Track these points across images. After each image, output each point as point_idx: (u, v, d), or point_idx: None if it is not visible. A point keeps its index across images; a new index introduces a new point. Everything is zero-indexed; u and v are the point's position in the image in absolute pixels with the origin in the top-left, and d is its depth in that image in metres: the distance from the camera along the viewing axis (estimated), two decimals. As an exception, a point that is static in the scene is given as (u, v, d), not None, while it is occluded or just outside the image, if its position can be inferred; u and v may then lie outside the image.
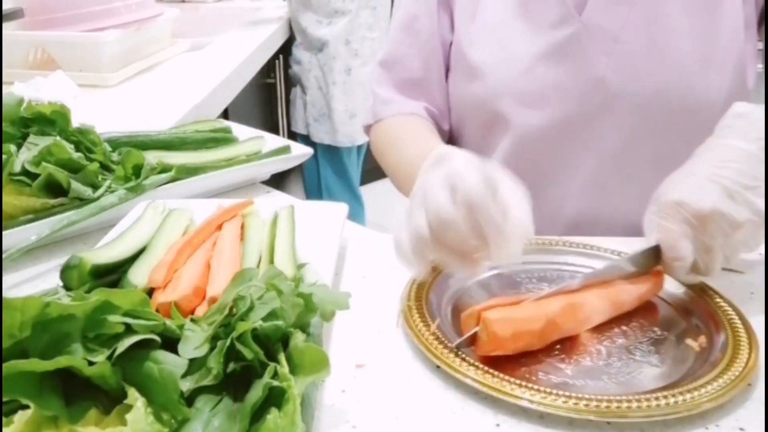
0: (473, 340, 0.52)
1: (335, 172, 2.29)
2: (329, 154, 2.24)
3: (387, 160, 0.91)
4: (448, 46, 0.90)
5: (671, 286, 0.62)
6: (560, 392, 0.47)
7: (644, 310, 0.60)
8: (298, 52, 2.15)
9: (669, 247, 0.58)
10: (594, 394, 0.47)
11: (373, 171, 2.62)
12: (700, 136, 0.77)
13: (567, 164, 0.83)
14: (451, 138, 0.95)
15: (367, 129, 0.98)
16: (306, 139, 2.20)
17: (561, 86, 0.80)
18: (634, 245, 0.68)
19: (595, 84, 0.79)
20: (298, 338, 0.45)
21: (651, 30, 0.78)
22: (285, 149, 0.90)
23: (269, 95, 2.19)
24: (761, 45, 0.84)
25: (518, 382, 0.48)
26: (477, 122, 0.86)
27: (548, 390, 0.47)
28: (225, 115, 1.41)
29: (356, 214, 2.38)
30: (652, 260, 0.60)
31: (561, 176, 0.83)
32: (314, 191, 2.33)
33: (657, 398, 0.46)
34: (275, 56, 2.06)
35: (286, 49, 2.17)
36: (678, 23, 0.78)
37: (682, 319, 0.59)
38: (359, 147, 2.32)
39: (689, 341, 0.55)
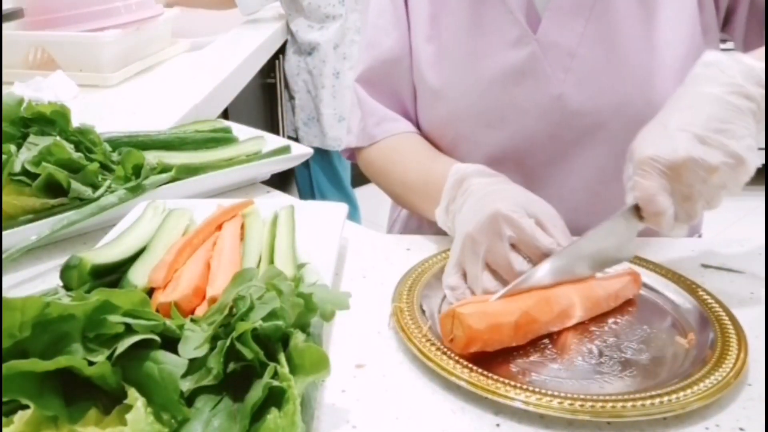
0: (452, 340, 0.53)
1: (327, 175, 2.30)
2: (320, 157, 2.25)
3: (390, 180, 0.86)
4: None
5: (659, 285, 0.63)
6: (555, 392, 0.47)
7: (633, 308, 0.60)
8: (288, 55, 2.15)
9: (647, 203, 0.58)
10: (589, 394, 0.47)
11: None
12: None
13: (535, 180, 0.81)
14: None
15: (353, 151, 0.93)
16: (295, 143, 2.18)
17: (520, 106, 0.79)
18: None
19: (554, 102, 0.78)
20: (298, 338, 0.45)
21: (606, 43, 0.77)
22: (285, 149, 0.90)
23: (269, 95, 2.19)
24: (727, 45, 0.82)
25: (512, 383, 0.48)
26: (445, 141, 0.85)
27: (543, 391, 0.47)
28: (225, 115, 1.41)
29: (350, 215, 2.38)
30: (634, 219, 0.60)
31: (531, 191, 0.82)
32: (307, 196, 2.33)
33: (652, 397, 0.47)
34: (275, 56, 2.06)
35: (285, 50, 2.17)
36: (633, 35, 0.76)
37: (670, 316, 0.59)
38: None
39: (678, 338, 0.56)
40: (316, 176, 2.30)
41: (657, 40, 0.77)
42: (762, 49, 0.66)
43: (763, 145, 0.61)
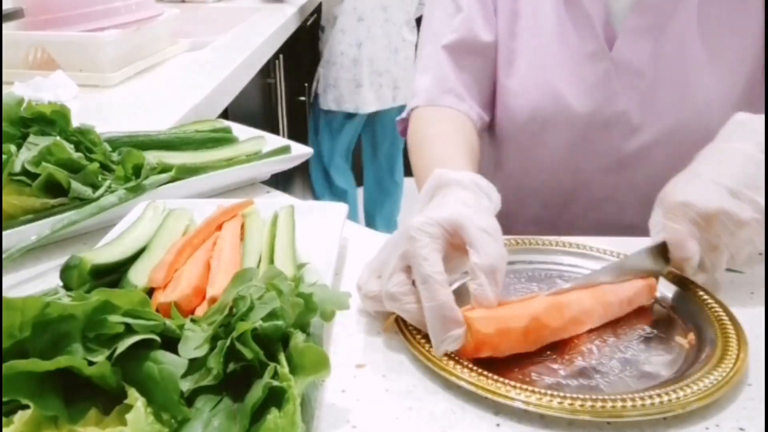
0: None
1: (333, 141, 2.61)
2: (329, 119, 2.55)
3: (413, 159, 0.89)
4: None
5: (659, 285, 0.62)
6: (555, 393, 0.47)
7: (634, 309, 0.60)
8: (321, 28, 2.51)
9: (677, 247, 0.59)
10: (588, 394, 0.47)
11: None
12: None
13: (589, 180, 0.88)
14: (497, 132, 0.96)
15: (407, 120, 0.94)
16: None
17: (588, 115, 0.84)
18: (624, 245, 0.68)
19: (619, 116, 0.83)
20: (298, 338, 0.45)
21: (673, 66, 0.81)
22: (285, 149, 0.90)
23: (269, 95, 2.19)
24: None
25: (512, 383, 0.48)
26: (507, 133, 0.90)
27: (543, 391, 0.47)
28: (225, 115, 1.41)
29: (348, 185, 2.67)
30: (660, 258, 0.61)
31: (584, 188, 0.90)
32: (315, 162, 2.62)
33: (651, 397, 0.47)
34: (275, 56, 2.07)
35: (286, 49, 2.18)
36: (701, 59, 0.80)
37: (670, 316, 0.59)
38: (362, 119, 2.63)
39: (678, 338, 0.56)
40: (323, 143, 2.59)
41: (720, 67, 0.81)
42: None
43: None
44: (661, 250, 0.61)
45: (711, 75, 0.81)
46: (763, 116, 0.65)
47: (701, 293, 0.60)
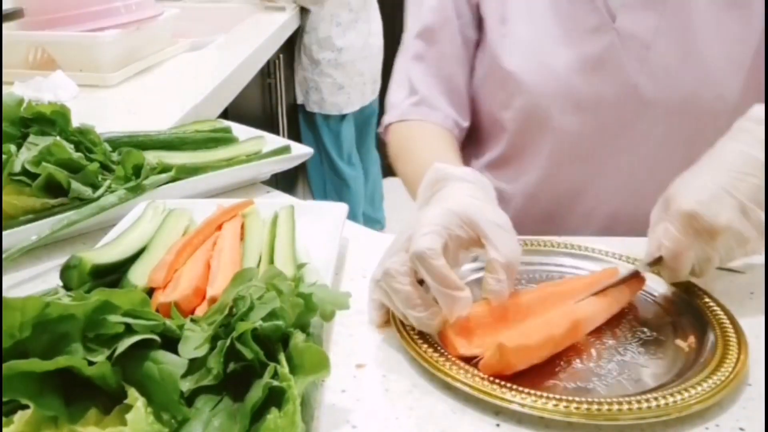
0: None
1: (330, 139, 2.62)
2: (327, 121, 2.58)
3: (399, 163, 0.90)
4: (473, 43, 0.91)
5: (660, 287, 0.62)
6: (550, 395, 0.47)
7: (633, 311, 0.60)
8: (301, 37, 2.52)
9: (674, 258, 0.58)
10: (585, 397, 0.47)
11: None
12: None
13: (603, 167, 0.84)
14: (479, 137, 0.95)
15: (386, 129, 0.95)
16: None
17: (596, 94, 0.81)
18: (621, 245, 0.68)
19: (629, 91, 0.81)
20: (298, 338, 0.45)
21: (681, 36, 0.79)
22: (285, 149, 0.90)
23: (269, 95, 2.19)
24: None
25: (509, 385, 0.48)
26: (514, 124, 0.86)
27: (539, 393, 0.47)
28: (225, 115, 1.41)
29: (350, 185, 2.69)
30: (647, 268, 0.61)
31: (597, 178, 0.85)
32: (315, 161, 2.64)
33: (648, 400, 0.46)
34: (275, 56, 2.07)
35: (286, 49, 2.18)
36: (707, 29, 0.79)
37: (670, 319, 0.59)
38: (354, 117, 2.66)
39: (678, 341, 0.55)
40: (322, 139, 2.61)
41: (729, 35, 0.79)
42: None
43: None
44: (658, 261, 0.60)
45: (719, 43, 0.79)
46: None
47: (702, 295, 0.60)
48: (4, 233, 0.68)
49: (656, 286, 0.63)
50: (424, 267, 0.52)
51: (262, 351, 0.44)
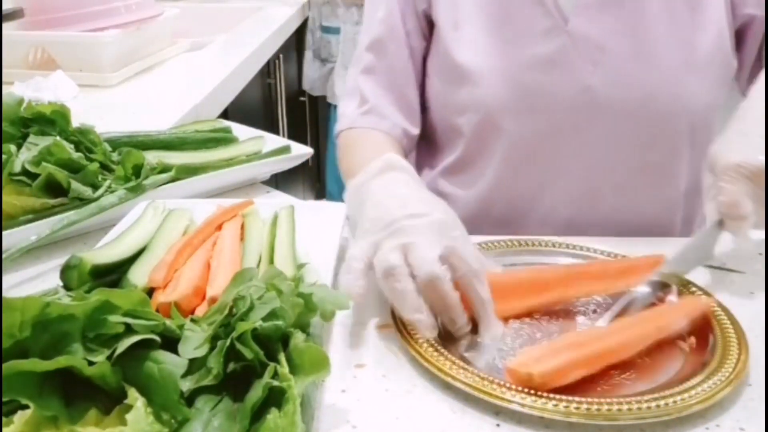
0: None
1: None
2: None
3: (342, 165, 0.89)
4: (420, 52, 0.90)
5: (660, 286, 0.62)
6: (551, 395, 0.47)
7: (632, 310, 0.59)
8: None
9: (733, 207, 0.60)
10: (585, 397, 0.47)
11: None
12: (685, 142, 0.78)
13: (558, 170, 0.83)
14: (435, 145, 0.94)
15: (337, 137, 0.95)
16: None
17: (549, 95, 0.80)
18: (623, 246, 0.68)
19: (583, 93, 0.79)
20: (298, 338, 0.45)
21: (635, 37, 0.78)
22: (285, 149, 0.90)
23: (269, 95, 2.19)
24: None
25: (509, 385, 0.48)
26: (469, 128, 0.85)
27: (539, 393, 0.47)
28: (225, 115, 1.41)
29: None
30: (716, 230, 0.63)
31: (553, 181, 0.84)
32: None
33: (648, 400, 0.46)
34: (275, 56, 2.07)
35: (286, 49, 2.18)
36: (661, 30, 0.78)
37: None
38: None
39: (679, 342, 0.55)
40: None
41: (686, 37, 0.79)
42: None
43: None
44: (720, 224, 0.62)
45: (673, 45, 0.79)
46: None
47: (702, 295, 0.60)
48: (4, 233, 0.68)
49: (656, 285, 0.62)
50: (437, 292, 0.55)
51: (262, 351, 0.44)
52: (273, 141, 0.94)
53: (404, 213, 0.59)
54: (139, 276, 0.59)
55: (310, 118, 2.75)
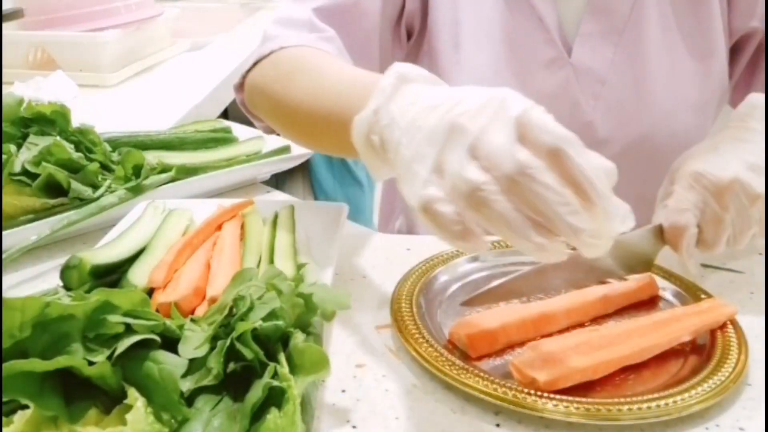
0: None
1: None
2: None
3: (290, 92, 0.63)
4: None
5: (660, 286, 0.62)
6: (551, 395, 0.47)
7: (634, 311, 0.60)
8: None
9: (675, 215, 0.58)
10: (585, 397, 0.47)
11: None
12: None
13: None
14: None
15: (241, 86, 0.74)
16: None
17: None
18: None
19: (583, 129, 0.76)
20: (298, 338, 0.45)
21: (635, 71, 0.76)
22: (285, 149, 0.90)
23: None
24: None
25: (509, 385, 0.48)
26: None
27: (539, 393, 0.47)
28: (225, 115, 1.41)
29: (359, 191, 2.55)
30: (658, 239, 0.60)
31: None
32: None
33: (648, 400, 0.46)
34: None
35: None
36: (660, 65, 0.76)
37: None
38: None
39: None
40: None
41: (683, 71, 0.77)
42: None
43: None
44: (659, 231, 0.60)
45: (674, 79, 0.77)
46: None
47: (702, 296, 0.60)
48: (4, 233, 0.68)
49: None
50: (533, 190, 0.39)
51: (262, 351, 0.44)
52: (273, 141, 0.94)
53: (449, 105, 0.43)
54: (139, 276, 0.59)
55: (310, 118, 2.76)
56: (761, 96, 0.63)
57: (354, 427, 0.47)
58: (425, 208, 0.41)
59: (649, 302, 0.61)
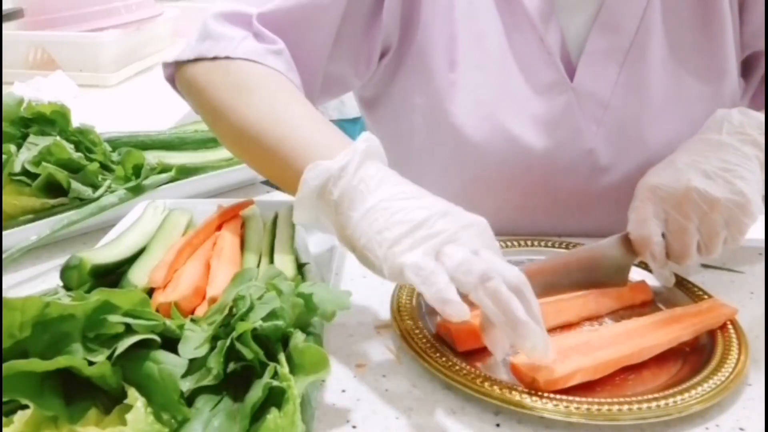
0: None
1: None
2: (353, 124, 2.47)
3: (238, 108, 0.62)
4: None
5: (660, 286, 0.63)
6: (551, 395, 0.47)
7: (634, 312, 0.60)
8: None
9: (638, 225, 0.60)
10: (585, 397, 0.47)
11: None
12: None
13: (553, 226, 0.77)
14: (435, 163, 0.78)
15: (176, 67, 0.74)
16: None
17: (550, 159, 0.72)
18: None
19: (584, 156, 0.73)
20: (298, 338, 0.45)
21: (639, 94, 0.73)
22: (285, 149, 0.90)
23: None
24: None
25: (508, 385, 0.48)
26: (460, 183, 0.75)
27: (539, 393, 0.47)
28: (225, 115, 1.41)
29: None
30: (627, 250, 0.61)
31: (545, 233, 0.77)
32: None
33: (648, 400, 0.46)
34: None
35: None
36: (663, 87, 0.73)
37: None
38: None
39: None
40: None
41: (690, 95, 0.73)
42: None
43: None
44: (627, 241, 0.61)
45: (677, 102, 0.73)
46: (742, 109, 0.64)
47: (702, 295, 0.60)
48: (4, 233, 0.68)
49: (656, 285, 0.63)
50: (522, 300, 0.47)
51: (262, 351, 0.44)
52: (273, 141, 0.94)
53: (434, 212, 0.50)
54: (139, 276, 0.59)
55: (310, 118, 2.76)
56: (726, 110, 0.64)
57: (354, 427, 0.47)
58: (416, 277, 0.47)
59: (646, 304, 0.61)
